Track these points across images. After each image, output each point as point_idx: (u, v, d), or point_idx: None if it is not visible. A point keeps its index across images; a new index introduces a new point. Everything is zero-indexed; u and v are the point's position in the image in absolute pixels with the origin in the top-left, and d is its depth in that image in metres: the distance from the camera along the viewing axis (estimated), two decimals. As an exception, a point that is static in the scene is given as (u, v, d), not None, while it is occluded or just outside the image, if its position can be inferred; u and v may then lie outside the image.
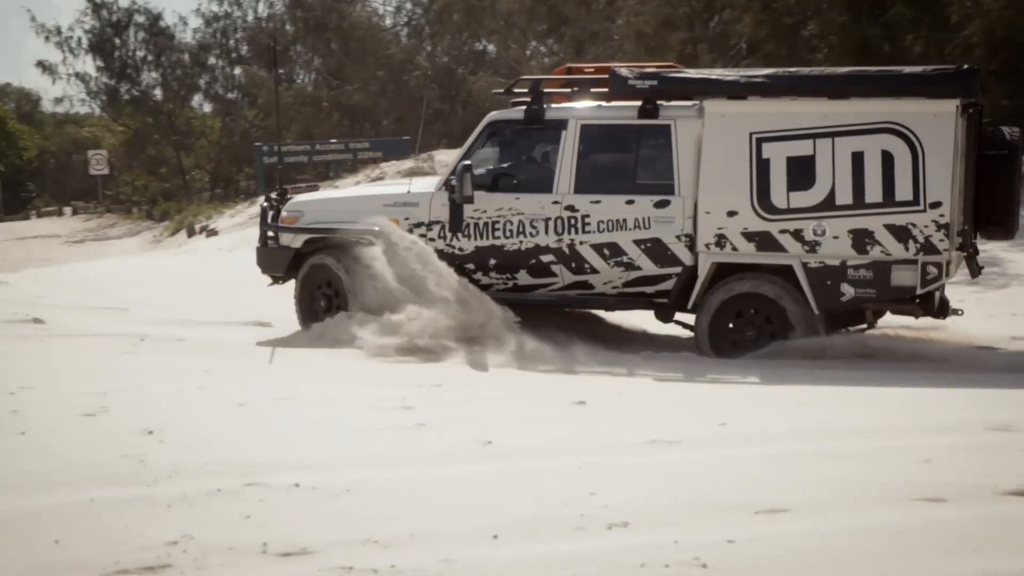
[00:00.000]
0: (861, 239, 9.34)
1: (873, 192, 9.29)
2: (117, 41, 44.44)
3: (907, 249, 9.25)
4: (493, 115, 10.54)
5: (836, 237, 9.38)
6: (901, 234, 9.25)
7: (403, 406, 7.61)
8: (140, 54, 45.09)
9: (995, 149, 9.84)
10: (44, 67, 45.01)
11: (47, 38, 44.59)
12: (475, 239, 10.32)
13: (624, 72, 10.00)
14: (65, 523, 5.04)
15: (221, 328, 11.70)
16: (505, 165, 10.57)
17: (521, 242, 10.22)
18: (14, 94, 67.95)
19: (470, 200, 10.12)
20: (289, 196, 11.42)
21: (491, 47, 39.80)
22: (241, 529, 4.96)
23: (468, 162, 10.17)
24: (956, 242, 9.42)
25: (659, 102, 9.92)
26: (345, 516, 5.17)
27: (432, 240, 10.39)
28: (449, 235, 10.35)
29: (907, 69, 9.76)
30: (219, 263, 21.16)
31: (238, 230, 26.75)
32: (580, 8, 29.22)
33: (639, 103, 9.95)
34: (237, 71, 45.27)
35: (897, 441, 6.60)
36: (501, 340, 9.74)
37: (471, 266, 10.34)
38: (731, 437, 6.78)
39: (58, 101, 50.08)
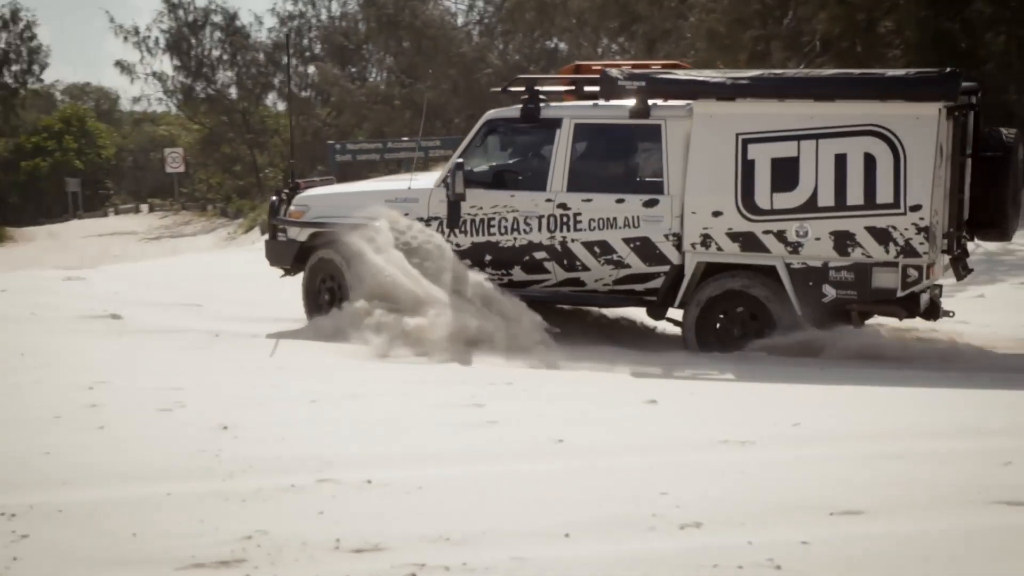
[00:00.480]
0: (843, 241, 9.37)
1: (855, 194, 9.30)
2: (193, 41, 44.99)
3: (887, 251, 9.26)
4: (491, 113, 10.73)
5: (818, 239, 9.43)
6: (882, 236, 9.26)
7: (474, 404, 7.62)
8: (215, 53, 45.62)
9: (991, 151, 9.84)
10: (122, 67, 45.68)
11: (125, 38, 45.26)
12: (472, 235, 10.47)
13: (614, 73, 10.13)
14: (143, 516, 5.11)
15: (293, 325, 11.79)
16: (501, 163, 10.74)
17: (515, 239, 10.36)
18: (93, 93, 69.10)
19: (462, 197, 10.29)
20: (302, 190, 11.59)
21: (563, 45, 39.72)
22: (314, 525, 5.00)
23: (460, 160, 10.36)
24: (941, 245, 9.45)
25: (651, 102, 9.99)
26: (417, 513, 5.19)
27: (442, 234, 10.53)
28: (447, 231, 10.51)
29: (890, 72, 9.83)
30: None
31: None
32: (652, 6, 29.08)
33: (632, 103, 10.05)
34: (310, 69, 45.64)
35: (971, 443, 6.50)
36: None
37: (468, 262, 10.40)
38: (804, 437, 6.71)
39: (136, 100, 50.82)
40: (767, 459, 6.15)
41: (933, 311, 10.12)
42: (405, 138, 35.19)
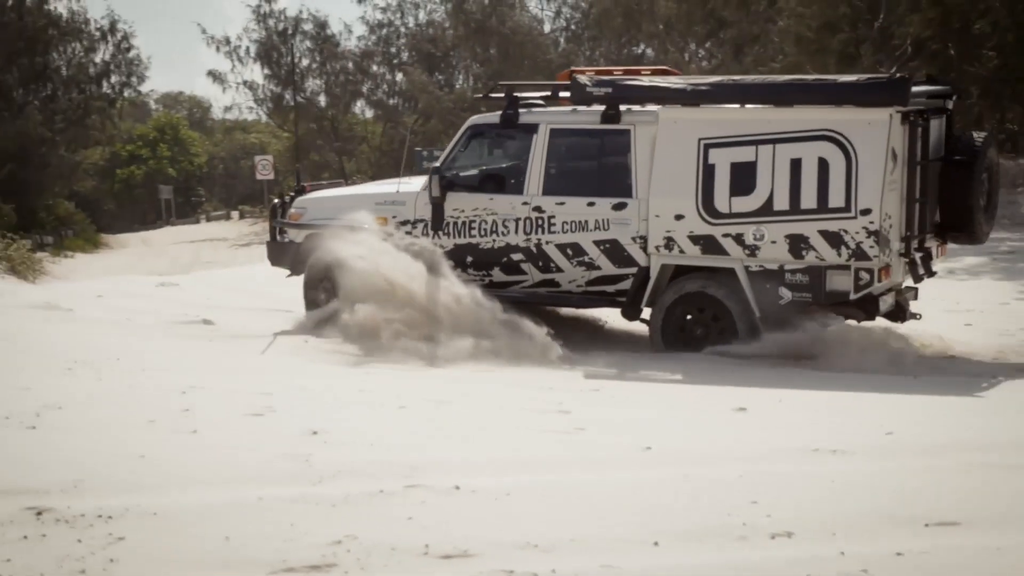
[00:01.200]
0: (797, 244, 9.53)
1: (808, 198, 9.45)
2: (283, 49, 45.56)
3: (840, 255, 9.40)
4: (474, 119, 11.11)
5: (774, 242, 9.59)
6: (834, 240, 9.40)
7: (561, 410, 7.61)
8: (305, 62, 46.16)
9: (960, 155, 9.95)
10: (214, 76, 46.41)
11: (217, 48, 45.99)
12: (454, 237, 10.78)
13: (582, 79, 10.34)
14: (235, 520, 5.17)
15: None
16: (483, 167, 11.04)
17: (494, 241, 10.66)
18: (187, 102, 70.31)
19: (439, 200, 10.69)
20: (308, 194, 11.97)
21: (650, 51, 39.59)
22: (403, 530, 5.02)
23: (437, 164, 10.81)
24: (898, 248, 9.54)
25: (621, 108, 10.23)
26: (505, 519, 5.19)
27: (419, 237, 10.85)
28: (432, 233, 10.83)
29: (842, 78, 9.90)
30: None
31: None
32: (740, 11, 28.85)
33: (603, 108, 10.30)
34: (398, 77, 45.98)
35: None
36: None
37: (451, 263, 10.65)
38: (898, 447, 6.59)
39: (227, 109, 51.68)
40: (860, 469, 6.05)
41: (899, 314, 10.34)
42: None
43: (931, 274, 10.22)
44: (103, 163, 52.79)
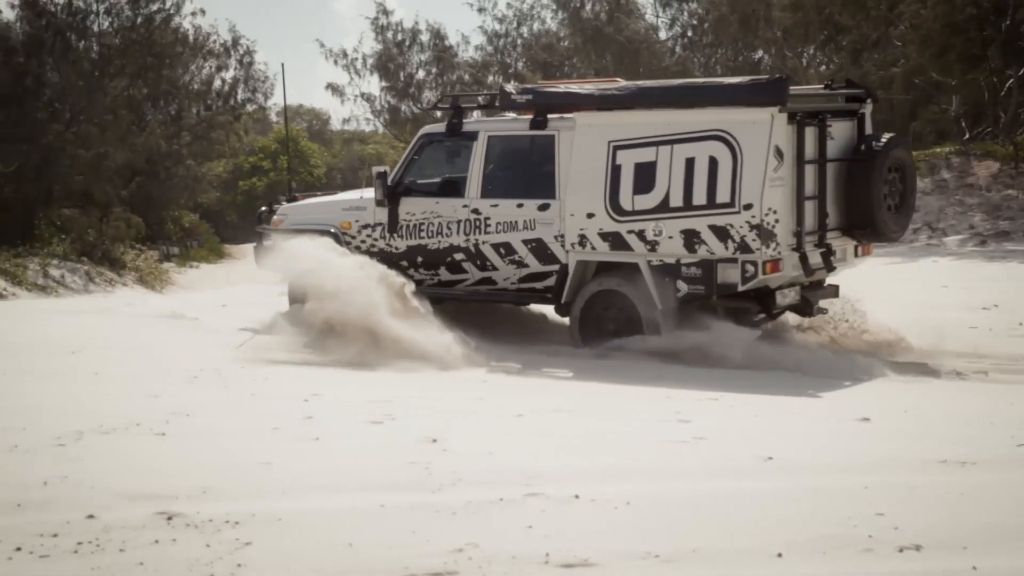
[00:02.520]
0: (691, 239, 9.98)
1: (699, 195, 9.91)
2: (400, 61, 46.02)
3: (727, 248, 9.83)
4: (425, 128, 11.82)
5: (671, 237, 10.06)
6: (722, 234, 9.84)
7: (680, 419, 7.55)
8: (421, 74, 46.58)
9: (862, 155, 10.28)
10: (333, 89, 47.04)
11: (335, 62, 46.61)
12: (407, 239, 11.44)
13: (508, 88, 11.10)
14: (357, 526, 5.23)
15: (497, 341, 11.88)
16: (432, 173, 11.66)
17: (440, 242, 11.27)
18: (306, 115, 71.47)
19: (382, 203, 11.42)
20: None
21: (767, 57, 39.15)
22: (523, 538, 5.02)
23: (382, 170, 11.57)
24: (788, 242, 9.86)
25: (548, 115, 10.77)
26: (625, 529, 5.17)
27: (376, 240, 11.57)
28: (388, 235, 11.51)
29: (728, 80, 10.34)
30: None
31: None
32: (857, 16, 28.36)
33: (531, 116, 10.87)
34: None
35: None
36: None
37: (404, 263, 11.38)
38: (1030, 459, 6.41)
39: (345, 120, 52.30)
40: (990, 481, 5.90)
41: (805, 308, 10.64)
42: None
43: (831, 270, 10.45)
44: (226, 175, 53.91)
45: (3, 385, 8.68)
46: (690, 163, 9.94)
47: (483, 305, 11.86)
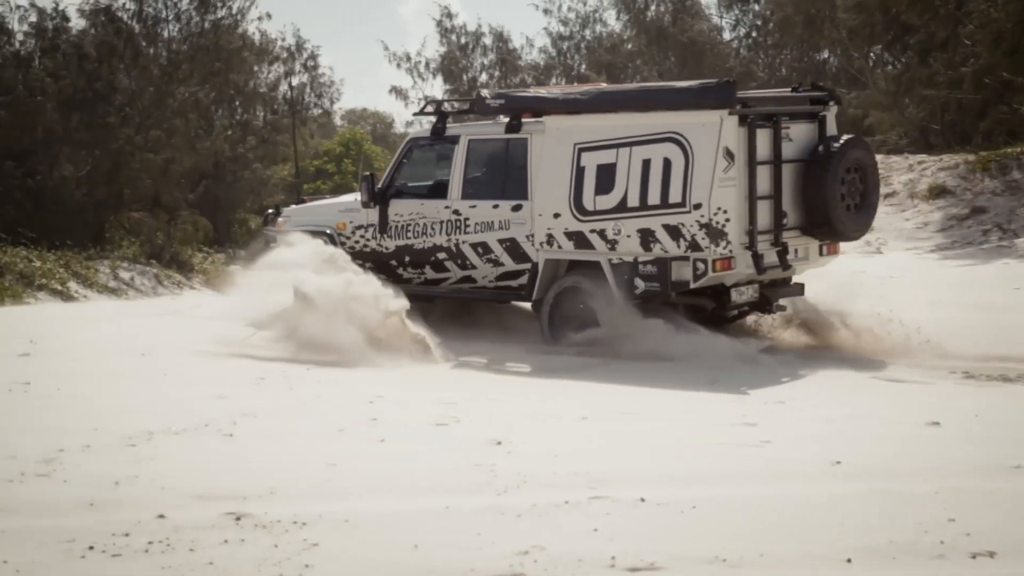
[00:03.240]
0: (646, 238, 10.30)
1: (654, 195, 10.25)
2: (464, 64, 46.14)
3: (679, 247, 10.16)
4: (412, 133, 12.43)
5: (629, 236, 10.38)
6: (674, 233, 10.17)
7: (746, 423, 7.50)
8: (484, 77, 46.66)
9: (819, 156, 10.53)
10: (396, 92, 47.29)
11: (398, 65, 46.86)
12: (396, 239, 11.82)
13: (484, 93, 11.54)
14: (423, 528, 5.25)
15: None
16: (419, 176, 12.07)
17: (424, 242, 11.64)
18: (370, 118, 71.89)
19: (368, 205, 11.87)
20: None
21: (832, 58, 38.79)
22: (589, 542, 5.01)
23: (367, 174, 12.19)
24: (741, 240, 10.10)
25: (523, 119, 11.13)
26: (692, 532, 5.14)
27: (368, 240, 11.96)
28: (379, 236, 11.89)
29: (680, 84, 10.81)
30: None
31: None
32: (925, 15, 27.99)
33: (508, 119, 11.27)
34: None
35: None
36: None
37: (394, 262, 11.82)
38: (1105, 465, 6.29)
39: (409, 123, 52.47)
40: (1064, 487, 5.80)
41: (764, 305, 10.95)
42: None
43: (786, 268, 10.65)
44: (291, 178, 54.44)
45: (76, 386, 8.81)
46: (646, 164, 10.28)
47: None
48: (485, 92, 11.59)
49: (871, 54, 34.50)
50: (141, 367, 9.77)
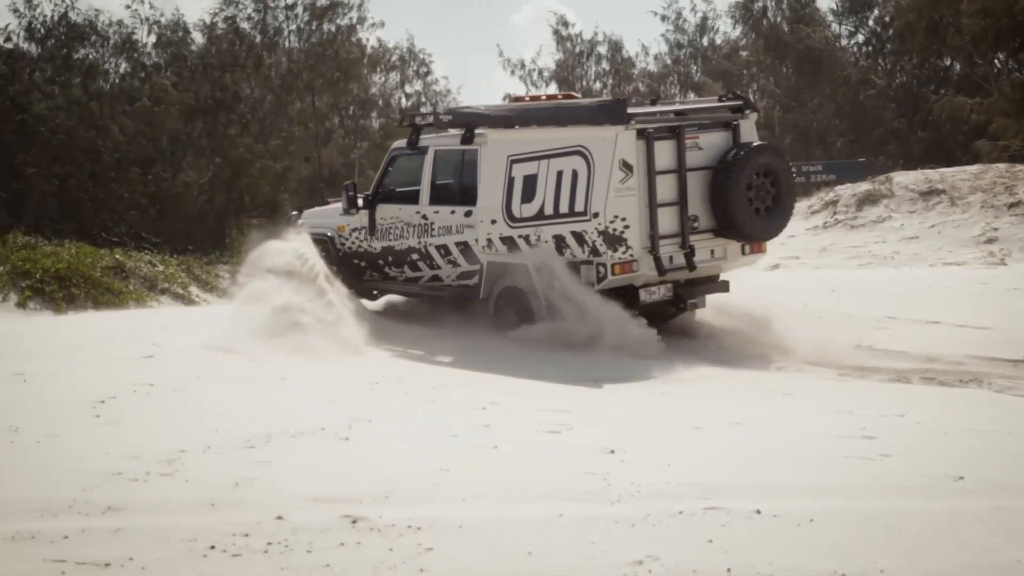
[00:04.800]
0: (560, 243, 11.18)
1: (564, 204, 11.11)
2: (579, 72, 46.18)
3: (584, 252, 11.03)
4: (394, 144, 13.30)
5: (547, 242, 11.28)
6: (579, 239, 11.03)
7: (864, 436, 7.36)
8: (598, 85, 46.64)
9: (724, 164, 11.21)
10: (510, 100, 47.52)
11: (512, 72, 47.12)
12: (381, 240, 12.92)
13: (440, 110, 12.53)
14: (536, 535, 5.26)
15: (675, 348, 11.81)
16: (398, 183, 13.07)
17: (401, 243, 12.70)
18: (483, 126, 72.21)
19: (348, 212, 13.09)
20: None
21: (956, 65, 37.97)
22: (704, 553, 4.97)
23: (349, 183, 13.48)
24: (643, 245, 10.94)
25: (476, 131, 11.99)
26: (809, 546, 5.07)
27: (362, 241, 13.10)
28: (369, 237, 13.01)
29: (584, 101, 11.87)
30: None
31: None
32: (1053, 18, 27.25)
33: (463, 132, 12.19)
34: (690, 95, 45.85)
35: None
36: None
37: (381, 262, 12.96)
38: None
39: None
40: None
41: (678, 303, 11.57)
42: (787, 163, 34.45)
43: (692, 269, 11.29)
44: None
45: (196, 389, 9.01)
46: (560, 175, 11.15)
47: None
48: (442, 109, 12.87)
49: (996, 60, 33.71)
50: (259, 370, 9.95)
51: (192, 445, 6.91)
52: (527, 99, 12.69)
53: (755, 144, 11.41)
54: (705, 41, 45.60)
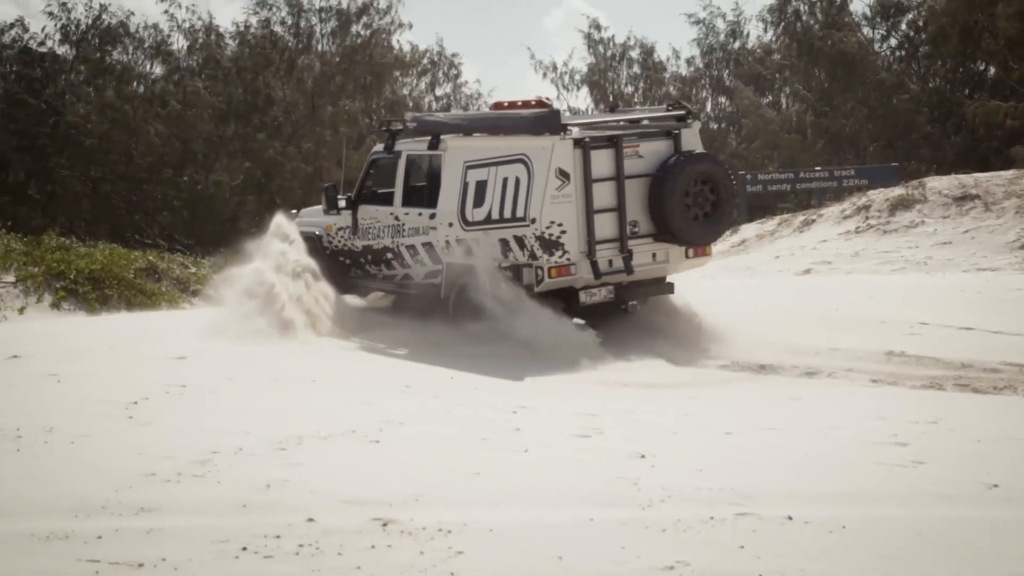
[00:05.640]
0: (504, 247, 11.68)
1: (508, 210, 11.60)
2: (611, 76, 46.07)
3: (524, 255, 11.52)
4: (374, 149, 13.86)
5: (494, 245, 11.74)
6: (520, 243, 11.53)
7: (897, 442, 7.32)
8: (629, 89, 46.55)
9: (660, 172, 11.72)
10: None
11: (544, 75, 47.07)
12: (362, 240, 13.42)
13: (408, 116, 13.29)
14: (567, 540, 5.25)
15: (703, 353, 11.78)
16: (378, 185, 13.53)
17: (379, 242, 13.19)
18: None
19: (328, 212, 13.64)
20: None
21: (991, 69, 37.70)
22: (735, 559, 4.96)
23: (329, 184, 14.19)
24: (580, 249, 11.45)
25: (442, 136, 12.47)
26: (841, 553, 5.04)
27: (346, 240, 13.61)
28: (352, 236, 13.54)
29: (525, 111, 12.03)
30: (702, 290, 21.38)
31: (720, 258, 26.84)
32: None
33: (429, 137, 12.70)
34: (721, 100, 45.69)
35: None
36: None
37: (362, 259, 13.45)
38: None
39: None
40: None
41: (619, 304, 11.93)
42: (818, 168, 34.47)
43: (630, 272, 11.74)
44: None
45: (228, 390, 9.05)
46: (505, 182, 11.63)
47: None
48: (408, 115, 13.38)
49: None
50: (289, 372, 9.98)
51: (224, 446, 6.94)
52: (506, 105, 12.97)
53: (691, 152, 11.90)
54: (737, 45, 45.43)
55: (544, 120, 11.60)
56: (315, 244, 13.66)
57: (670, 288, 12.39)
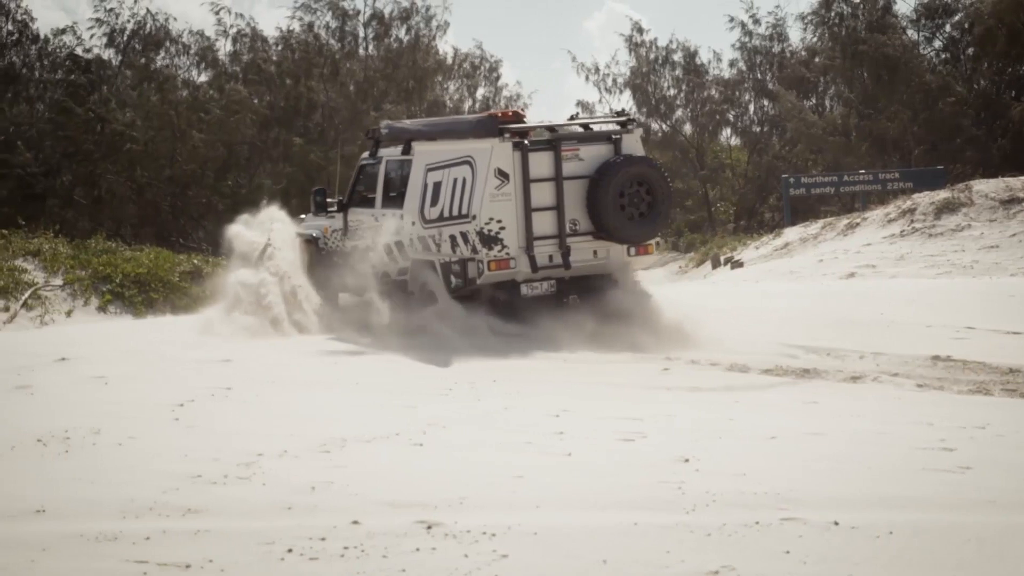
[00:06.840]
0: (453, 243, 12.52)
1: (456, 208, 12.46)
2: (653, 79, 45.93)
3: (467, 250, 12.34)
4: (362, 156, 14.63)
5: (445, 241, 12.62)
6: (464, 239, 12.38)
7: (944, 447, 7.25)
8: (672, 92, 46.40)
9: (597, 174, 12.46)
10: (583, 106, 47.40)
11: (586, 78, 46.97)
12: (351, 241, 14.27)
13: (383, 123, 14.13)
14: (611, 544, 5.25)
15: (747, 356, 11.72)
16: (364, 189, 14.29)
17: (363, 243, 13.91)
18: (555, 132, 72.20)
19: (317, 215, 14.70)
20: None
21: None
22: (781, 564, 4.93)
23: (318, 188, 15.17)
24: (519, 245, 12.27)
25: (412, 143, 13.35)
26: (888, 559, 5.01)
27: (339, 241, 14.49)
28: (343, 238, 14.45)
29: (469, 116, 13.37)
30: (743, 294, 21.31)
31: (763, 262, 26.71)
32: None
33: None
34: (764, 103, 45.47)
35: None
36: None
37: (351, 259, 13.95)
38: None
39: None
40: None
41: (559, 297, 12.62)
42: (862, 171, 34.20)
43: (568, 268, 12.51)
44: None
45: (273, 393, 9.11)
46: (455, 182, 12.48)
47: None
48: (384, 123, 14.20)
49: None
50: (334, 375, 10.03)
51: (269, 449, 6.99)
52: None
53: (627, 156, 12.62)
54: (779, 48, 45.16)
55: (483, 124, 12.64)
56: (313, 245, 14.63)
57: (612, 283, 12.91)
